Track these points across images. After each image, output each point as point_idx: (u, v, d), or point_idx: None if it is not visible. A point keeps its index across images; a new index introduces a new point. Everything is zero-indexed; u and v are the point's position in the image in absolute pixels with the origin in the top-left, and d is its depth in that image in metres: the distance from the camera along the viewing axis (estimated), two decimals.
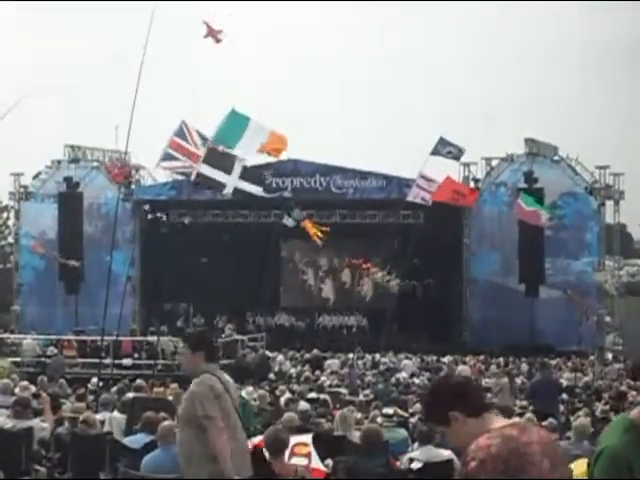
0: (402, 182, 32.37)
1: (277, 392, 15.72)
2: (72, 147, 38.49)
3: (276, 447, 6.65)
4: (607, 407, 14.14)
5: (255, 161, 20.22)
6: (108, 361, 19.24)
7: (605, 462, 2.75)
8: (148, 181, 38.02)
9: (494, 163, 35.72)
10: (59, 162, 38.56)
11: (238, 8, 70.43)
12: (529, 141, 35.34)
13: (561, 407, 15.68)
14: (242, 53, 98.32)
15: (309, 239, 28.09)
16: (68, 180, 37.73)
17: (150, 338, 26.24)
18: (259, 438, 7.33)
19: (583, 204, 34.49)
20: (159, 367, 22.61)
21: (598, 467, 2.77)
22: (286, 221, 27.50)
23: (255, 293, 35.01)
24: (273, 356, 27.40)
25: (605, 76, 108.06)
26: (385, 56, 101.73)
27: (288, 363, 26.62)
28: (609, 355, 32.33)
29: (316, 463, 7.40)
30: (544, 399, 14.37)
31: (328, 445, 8.39)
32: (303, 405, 12.39)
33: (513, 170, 35.19)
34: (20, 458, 8.52)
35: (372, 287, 36.97)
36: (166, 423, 7.98)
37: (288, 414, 9.80)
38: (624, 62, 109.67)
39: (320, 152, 39.58)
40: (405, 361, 26.55)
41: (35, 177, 39.08)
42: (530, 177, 34.11)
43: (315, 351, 27.25)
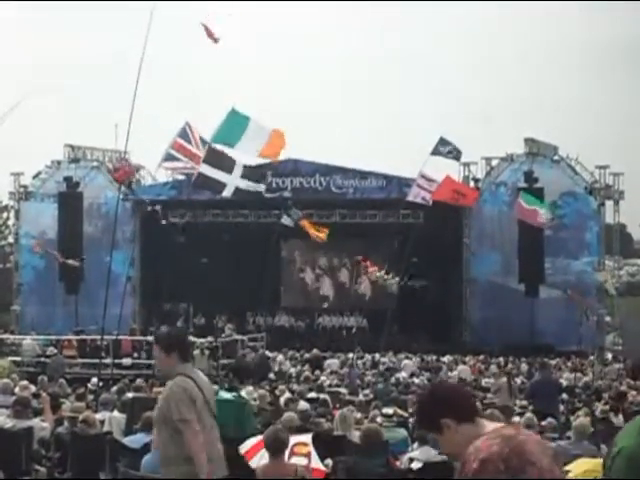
0: (402, 182, 32.37)
1: (277, 392, 15.70)
2: (72, 147, 38.51)
3: (276, 447, 6.65)
4: (607, 407, 14.13)
5: (255, 161, 20.17)
6: (108, 361, 19.22)
7: (623, 462, 2.77)
8: (148, 181, 38.04)
9: (494, 163, 35.72)
10: (59, 162, 38.57)
11: (238, 8, 70.46)
12: (529, 141, 35.33)
13: (561, 407, 15.66)
14: (242, 53, 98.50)
15: (309, 239, 28.09)
16: (68, 180, 37.75)
17: (150, 338, 26.18)
18: (259, 438, 7.33)
19: (583, 204, 34.49)
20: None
21: (615, 467, 2.78)
22: (285, 220, 27.46)
23: (255, 293, 35.02)
24: (273, 356, 27.40)
25: (605, 76, 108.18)
26: (385, 56, 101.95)
27: (288, 363, 26.62)
28: (609, 355, 32.33)
29: (316, 463, 7.39)
30: (544, 399, 14.37)
31: (328, 445, 8.38)
32: (303, 405, 12.38)
33: (513, 170, 35.18)
34: (20, 458, 8.52)
35: (372, 287, 36.93)
36: None
37: (288, 414, 9.79)
38: (624, 62, 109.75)
39: (320, 152, 39.68)
40: (405, 361, 26.54)
41: (35, 177, 39.09)
42: (530, 177, 34.11)
43: (315, 351, 27.23)
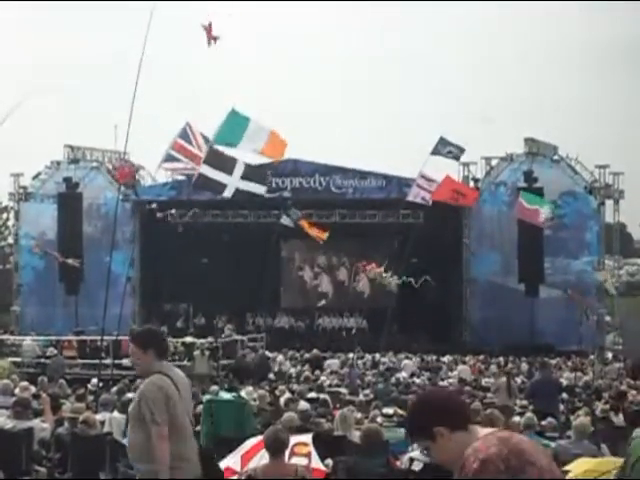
0: (402, 182, 32.37)
1: (277, 392, 15.70)
2: (72, 147, 38.49)
3: (276, 447, 6.64)
4: (607, 406, 14.13)
5: (255, 161, 20.17)
6: (108, 361, 19.19)
7: None
8: (148, 181, 38.01)
9: (494, 163, 35.71)
10: (59, 163, 38.55)
11: (238, 8, 70.47)
12: (529, 140, 35.32)
13: (561, 406, 15.67)
14: (242, 53, 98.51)
15: (309, 239, 28.09)
16: (68, 180, 37.73)
17: None
18: (259, 438, 7.32)
19: (583, 203, 34.48)
20: None
21: (635, 474, 2.79)
22: (284, 221, 27.48)
23: (255, 293, 34.99)
24: (273, 356, 27.37)
25: (605, 76, 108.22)
26: (385, 56, 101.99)
27: (288, 363, 26.60)
28: (609, 354, 32.33)
29: (316, 463, 7.39)
30: (544, 398, 14.37)
31: (328, 445, 8.38)
32: (303, 405, 12.38)
33: (513, 170, 35.17)
34: (20, 458, 8.52)
35: (371, 286, 36.90)
36: None
37: (288, 414, 9.79)
38: (624, 62, 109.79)
39: (320, 152, 39.70)
40: (405, 361, 26.52)
41: (35, 178, 39.07)
42: (530, 177, 34.10)
43: (315, 351, 27.21)
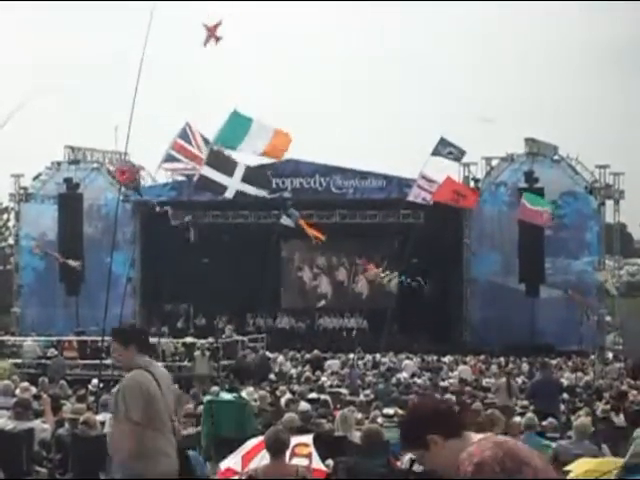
0: (402, 182, 32.36)
1: (278, 393, 15.70)
2: (72, 148, 38.51)
3: (277, 447, 6.64)
4: (608, 407, 14.13)
5: (256, 161, 20.14)
6: (109, 362, 19.16)
7: None
8: (148, 182, 37.97)
9: (494, 163, 35.71)
10: (59, 163, 38.58)
11: (238, 8, 70.43)
12: (529, 141, 35.32)
13: (562, 407, 15.67)
14: (242, 53, 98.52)
15: (309, 240, 28.05)
16: (68, 181, 37.76)
17: (150, 339, 26.22)
18: (260, 439, 7.32)
19: (583, 203, 34.48)
20: None
21: None
22: (284, 221, 27.44)
23: (255, 294, 34.96)
24: (273, 357, 27.38)
25: (605, 76, 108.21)
26: (385, 56, 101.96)
27: (288, 364, 26.60)
28: (609, 354, 32.33)
29: (317, 463, 7.38)
30: (545, 399, 14.37)
31: (329, 445, 8.38)
32: (304, 405, 12.38)
33: (513, 170, 35.17)
34: (21, 459, 8.52)
35: (371, 287, 36.91)
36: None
37: (289, 414, 9.79)
38: (624, 62, 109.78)
39: (320, 152, 39.65)
40: (406, 361, 26.51)
41: (35, 178, 39.08)
42: (530, 177, 34.10)
43: (315, 351, 27.22)
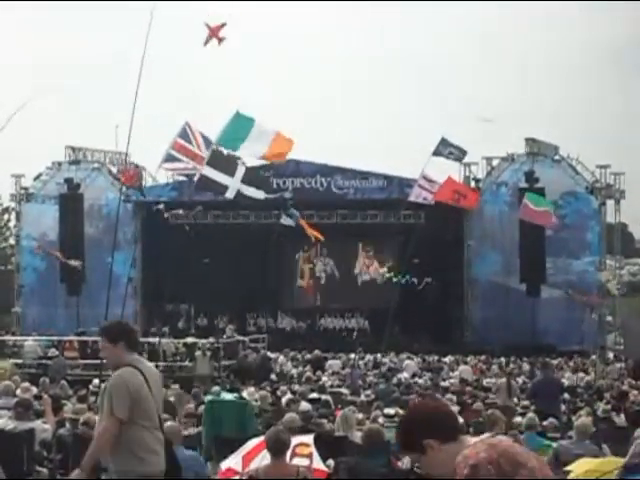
0: (403, 182, 32.37)
1: (278, 393, 15.71)
2: (73, 148, 38.52)
3: (277, 448, 6.64)
4: (609, 407, 14.14)
5: (257, 162, 20.15)
6: None
7: None
8: (149, 182, 37.98)
9: (495, 163, 35.71)
10: (60, 163, 38.59)
11: (238, 8, 70.41)
12: (530, 141, 35.32)
13: (563, 407, 15.66)
14: (242, 53, 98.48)
15: (310, 240, 28.05)
16: (69, 181, 37.77)
17: (151, 339, 26.23)
18: (260, 439, 7.32)
19: (584, 203, 34.47)
20: (160, 368, 22.56)
21: None
22: (285, 221, 27.45)
23: (256, 294, 35.04)
24: (274, 357, 27.36)
25: (605, 76, 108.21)
26: (385, 56, 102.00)
27: (289, 364, 26.61)
28: (610, 354, 32.34)
29: (317, 463, 7.38)
30: (546, 399, 14.36)
31: (329, 445, 8.38)
32: (304, 405, 12.38)
33: (514, 170, 35.17)
34: (22, 459, 8.51)
35: (373, 287, 36.90)
36: (168, 424, 7.98)
37: (289, 415, 9.78)
38: (624, 62, 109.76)
39: (320, 152, 39.67)
40: (407, 361, 26.50)
41: (36, 179, 39.10)
42: (531, 177, 34.09)
43: (316, 352, 27.21)
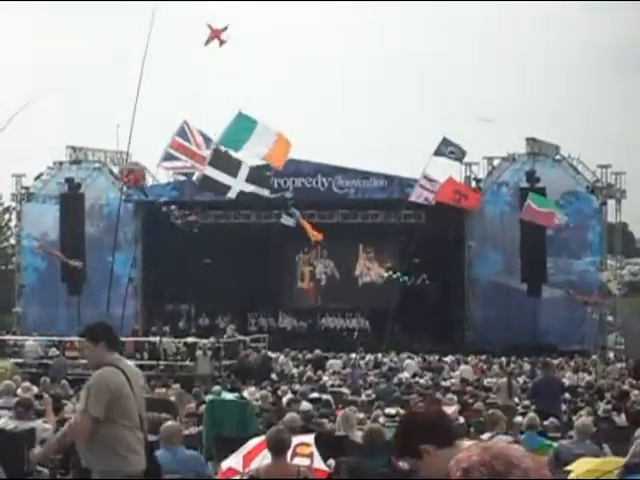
0: (403, 182, 32.36)
1: (279, 392, 15.71)
2: (73, 148, 38.52)
3: (278, 447, 6.64)
4: (609, 406, 14.14)
5: (259, 162, 20.14)
6: None
7: None
8: (149, 181, 37.93)
9: (496, 163, 35.70)
10: (60, 163, 38.59)
11: (238, 8, 70.40)
12: (530, 140, 35.30)
13: (563, 406, 15.66)
14: (242, 53, 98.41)
15: (310, 242, 28.04)
16: (70, 181, 37.77)
17: (152, 339, 26.27)
18: (261, 438, 7.32)
19: (585, 203, 34.44)
20: (161, 368, 22.67)
21: None
22: (285, 221, 27.46)
23: (257, 294, 35.03)
24: (275, 356, 27.36)
25: (606, 76, 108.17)
26: (385, 56, 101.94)
27: (290, 363, 26.60)
28: (611, 354, 32.34)
29: (318, 463, 7.37)
30: (546, 398, 14.36)
31: (330, 445, 8.38)
32: (305, 405, 12.38)
33: (515, 170, 35.15)
34: (22, 459, 8.51)
35: (374, 287, 36.89)
36: (169, 424, 7.99)
37: (290, 414, 9.78)
38: (624, 62, 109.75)
39: (321, 152, 39.65)
40: (407, 361, 26.50)
41: (37, 178, 39.10)
42: (532, 176, 34.08)
43: (317, 351, 27.22)
